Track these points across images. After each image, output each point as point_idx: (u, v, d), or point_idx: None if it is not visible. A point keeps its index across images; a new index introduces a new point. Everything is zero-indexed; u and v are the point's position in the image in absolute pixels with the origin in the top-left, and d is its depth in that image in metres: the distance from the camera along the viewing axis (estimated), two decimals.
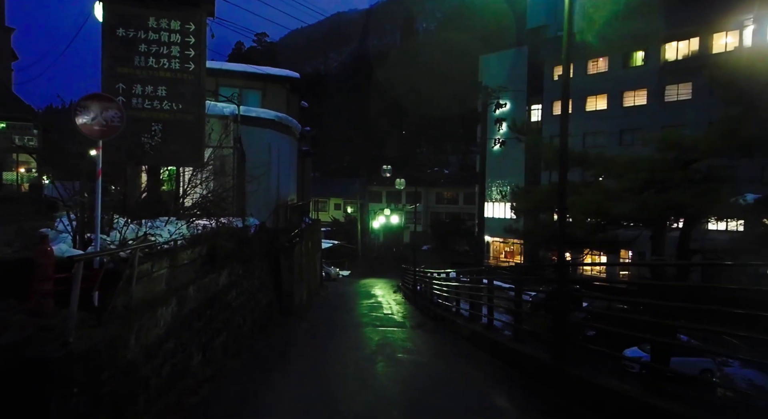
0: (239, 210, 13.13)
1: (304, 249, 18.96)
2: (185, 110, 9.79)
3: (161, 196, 9.88)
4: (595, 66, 42.14)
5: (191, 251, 7.89)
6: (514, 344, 8.26)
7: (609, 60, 40.70)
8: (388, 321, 15.65)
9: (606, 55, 40.76)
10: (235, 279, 10.92)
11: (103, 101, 5.08)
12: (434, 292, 17.79)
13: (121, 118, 5.13)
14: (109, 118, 5.04)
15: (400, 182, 35.68)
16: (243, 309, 11.02)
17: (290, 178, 18.30)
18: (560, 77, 44.11)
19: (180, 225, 7.94)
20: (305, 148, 23.87)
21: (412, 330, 13.34)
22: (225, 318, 9.47)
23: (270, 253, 14.81)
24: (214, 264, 9.11)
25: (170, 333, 6.65)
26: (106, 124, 5.06)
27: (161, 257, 6.72)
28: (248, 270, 12.36)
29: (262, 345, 10.78)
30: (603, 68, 41.42)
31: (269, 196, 15.45)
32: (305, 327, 14.00)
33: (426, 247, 56.67)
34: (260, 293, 13.23)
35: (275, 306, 14.61)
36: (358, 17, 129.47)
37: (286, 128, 16.78)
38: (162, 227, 7.65)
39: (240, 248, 11.19)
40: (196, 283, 8.05)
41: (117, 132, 5.18)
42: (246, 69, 19.61)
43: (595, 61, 41.94)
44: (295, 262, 16.38)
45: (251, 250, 12.51)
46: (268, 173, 15.15)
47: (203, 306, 8.31)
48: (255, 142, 14.81)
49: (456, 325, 12.38)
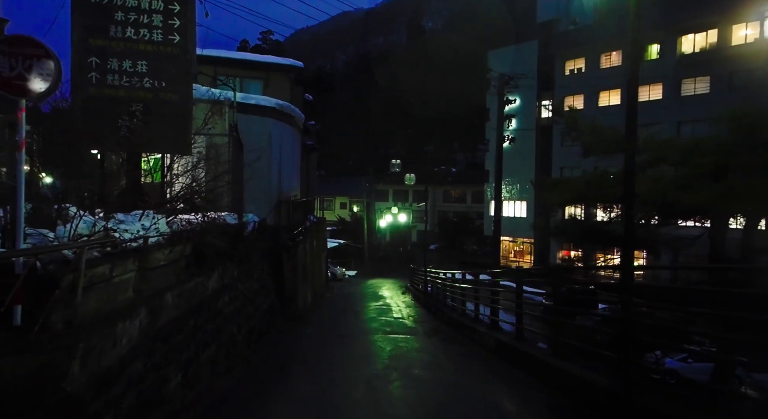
0: (236, 204, 11.78)
1: (309, 249, 17.60)
2: (169, 89, 8.43)
3: (142, 188, 8.52)
4: (608, 60, 40.57)
5: (170, 250, 6.52)
6: (558, 362, 6.84)
7: (623, 53, 39.12)
8: (399, 326, 14.26)
9: (619, 49, 39.20)
10: (229, 281, 9.55)
11: (27, 47, 3.71)
12: (448, 295, 16.38)
13: (53, 72, 3.75)
14: (36, 71, 3.68)
15: (410, 177, 34.24)
16: (238, 315, 9.65)
17: (293, 172, 16.93)
18: (572, 72, 42.64)
19: (157, 219, 6.57)
20: (310, 142, 22.50)
21: (427, 339, 11.93)
22: (215, 327, 8.10)
23: (271, 253, 13.46)
24: (201, 265, 7.74)
25: (137, 352, 5.29)
26: (32, 78, 3.69)
27: (126, 258, 5.35)
28: (246, 271, 11.00)
29: (260, 357, 9.41)
30: (616, 62, 39.85)
31: (270, 190, 14.09)
32: (310, 333, 12.62)
33: (433, 247, 55.22)
34: (260, 296, 11.87)
35: (277, 310, 13.24)
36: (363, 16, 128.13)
37: (288, 117, 15.40)
38: (134, 222, 6.29)
39: (235, 247, 9.83)
40: (176, 289, 6.69)
41: (47, 90, 3.80)
42: (246, 57, 18.28)
43: (608, 54, 40.38)
44: (298, 262, 15.01)
45: (249, 249, 11.16)
46: (269, 165, 13.80)
47: (186, 316, 6.95)
48: (254, 131, 13.46)
49: (476, 333, 10.97)
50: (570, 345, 7.07)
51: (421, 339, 11.79)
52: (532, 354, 7.67)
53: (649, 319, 8.03)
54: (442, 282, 17.94)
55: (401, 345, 10.79)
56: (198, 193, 8.18)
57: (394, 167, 31.96)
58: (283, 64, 18.84)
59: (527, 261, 46.45)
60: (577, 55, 41.43)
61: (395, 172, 33.11)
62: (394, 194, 59.10)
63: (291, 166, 16.35)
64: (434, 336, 12.23)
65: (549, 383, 6.80)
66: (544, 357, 7.27)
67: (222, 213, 9.68)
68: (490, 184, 49.65)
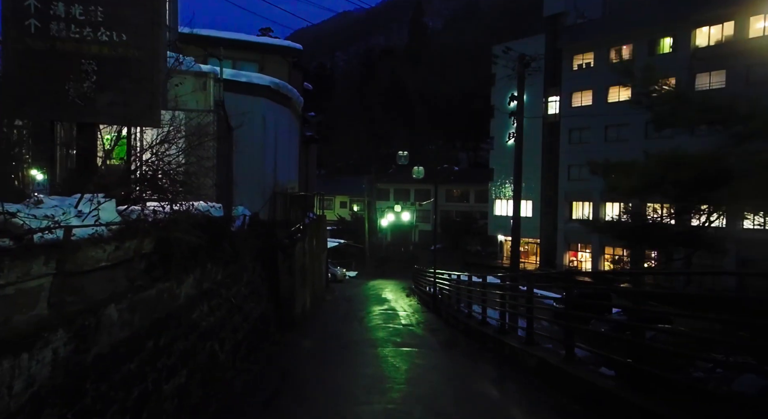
0: (222, 195, 9.94)
1: (308, 248, 15.75)
2: (132, 43, 6.56)
3: (100, 169, 6.67)
4: (618, 54, 38.80)
5: (116, 247, 4.67)
6: (632, 395, 5.01)
7: (633, 47, 37.33)
8: (410, 336, 12.42)
9: (630, 43, 37.42)
10: (211, 287, 7.71)
11: None
12: (462, 299, 14.59)
13: None
14: None
15: (419, 170, 32.36)
16: (221, 328, 7.80)
17: (290, 163, 15.07)
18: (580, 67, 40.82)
19: (99, 203, 4.73)
20: (309, 133, 20.66)
21: (446, 354, 10.09)
22: (187, 347, 6.24)
23: (265, 252, 11.61)
24: (168, 267, 5.90)
25: (45, 399, 3.45)
26: None
27: (32, 257, 3.50)
28: (233, 273, 9.17)
29: (247, 380, 7.56)
30: (627, 56, 38.05)
31: (264, 181, 12.26)
32: (308, 346, 10.77)
33: None
34: (250, 303, 10.02)
35: (271, 318, 11.39)
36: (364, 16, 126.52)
37: (284, 99, 13.54)
38: (68, 207, 4.46)
39: (218, 244, 7.99)
40: (126, 299, 4.85)
41: None
42: (240, 37, 16.42)
43: (618, 48, 38.59)
44: (296, 263, 13.17)
45: (238, 248, 9.32)
46: (263, 152, 11.97)
47: (143, 336, 5.11)
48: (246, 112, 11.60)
49: (506, 348, 9.12)
50: (649, 373, 5.23)
51: (439, 355, 9.95)
52: (598, 385, 5.83)
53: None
54: (454, 285, 16.11)
55: (417, 363, 8.96)
56: (166, 175, 6.31)
57: (400, 159, 30.04)
58: (281, 46, 17.02)
59: (532, 263, 44.62)
60: (586, 49, 39.65)
61: (402, 164, 31.11)
62: (396, 193, 57.26)
63: (288, 155, 14.50)
64: (454, 350, 10.39)
65: None
66: (617, 392, 5.43)
67: (202, 203, 7.84)
68: (495, 183, 47.81)
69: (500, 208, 47.56)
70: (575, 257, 42.10)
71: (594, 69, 39.11)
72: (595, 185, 39.30)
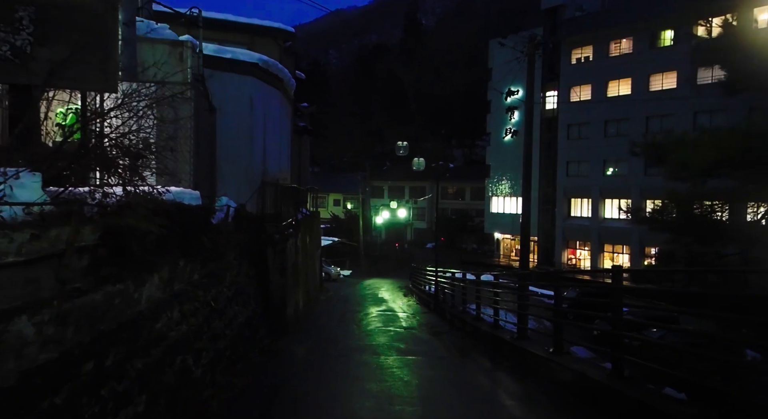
0: (204, 181, 8.63)
1: (301, 245, 14.43)
2: None
3: (41, 138, 5.32)
4: (617, 48, 37.69)
5: (32, 236, 3.33)
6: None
7: (634, 40, 36.23)
8: (414, 341, 11.15)
9: (630, 36, 36.32)
10: (183, 288, 6.38)
11: None
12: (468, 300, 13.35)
13: None
14: None
15: (419, 162, 31.03)
16: (197, 338, 6.46)
17: (282, 151, 13.71)
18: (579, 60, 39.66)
19: (9, 175, 3.40)
20: (302, 124, 19.31)
21: (458, 363, 8.82)
22: (147, 365, 4.90)
23: (253, 248, 10.27)
24: (121, 264, 4.56)
25: None
26: None
27: None
28: (214, 273, 7.84)
29: (225, 400, 6.23)
30: (627, 49, 36.97)
31: (252, 168, 10.93)
32: (302, 355, 9.45)
33: (430, 245, 52.23)
34: (234, 306, 8.70)
35: (259, 322, 10.05)
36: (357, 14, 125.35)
37: (275, 80, 12.19)
38: None
39: (194, 237, 6.67)
40: (52, 308, 3.52)
41: None
42: (227, 17, 15.04)
43: (618, 41, 37.49)
44: (288, 261, 11.84)
45: (220, 242, 8.00)
46: (251, 137, 10.65)
47: (79, 355, 3.78)
48: (231, 93, 10.30)
49: (530, 358, 7.85)
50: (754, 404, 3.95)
51: (450, 365, 8.67)
52: (652, 405, 4.56)
53: None
54: (459, 285, 14.85)
55: (428, 376, 7.67)
56: (119, 148, 4.96)
57: (399, 150, 28.68)
58: (271, 28, 15.67)
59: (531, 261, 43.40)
60: (585, 42, 38.51)
61: (401, 156, 29.80)
62: (390, 190, 56.02)
63: (279, 143, 13.14)
64: (466, 359, 9.11)
65: None
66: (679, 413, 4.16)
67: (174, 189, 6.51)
68: (491, 180, 46.60)
69: (497, 205, 46.38)
70: (573, 255, 41.01)
71: (593, 63, 37.99)
72: (595, 181, 38.27)
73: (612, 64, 36.63)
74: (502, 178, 45.48)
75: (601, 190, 37.77)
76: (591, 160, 38.16)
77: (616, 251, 37.90)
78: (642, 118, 35.32)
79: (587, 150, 37.52)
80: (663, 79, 35.14)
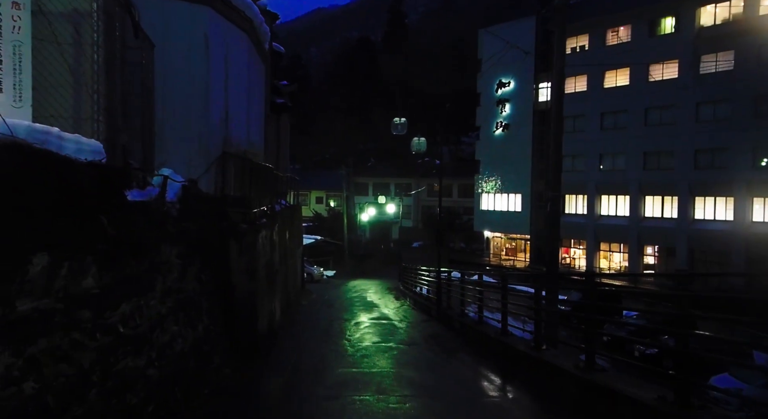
0: (133, 141, 5.70)
1: (279, 240, 11.48)
2: None
3: None
4: (615, 36, 35.32)
5: None
6: None
7: (632, 28, 33.89)
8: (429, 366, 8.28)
9: (628, 23, 33.99)
10: (55, 307, 3.41)
11: None
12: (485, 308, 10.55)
13: None
14: None
15: (420, 142, 27.98)
16: (77, 395, 3.49)
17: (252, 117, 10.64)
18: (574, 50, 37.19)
19: None
20: (281, 100, 16.32)
21: (512, 411, 5.95)
22: None
23: (207, 241, 7.26)
24: None
25: None
26: None
27: None
28: (132, 277, 4.85)
29: None
30: (625, 38, 34.62)
31: (209, 134, 7.93)
32: (275, 394, 6.49)
33: (417, 244, 49.45)
34: (172, 326, 5.72)
35: (217, 343, 7.08)
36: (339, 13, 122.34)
37: (240, 17, 9.13)
38: None
39: (76, 216, 3.73)
40: None
41: None
42: None
43: (615, 30, 35.12)
44: (259, 259, 8.88)
45: (140, 230, 5.08)
46: (206, 89, 7.66)
47: None
48: (176, 29, 7.33)
49: (624, 401, 5.03)
50: None
51: (499, 405, 5.81)
52: None
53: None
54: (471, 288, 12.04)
55: None
56: None
57: (396, 128, 25.58)
58: None
59: (522, 260, 40.91)
60: (580, 31, 36.02)
61: (398, 134, 26.70)
62: (375, 187, 53.09)
63: (247, 106, 10.07)
64: (516, 405, 6.24)
65: None
66: None
67: (37, 126, 3.57)
68: (481, 176, 43.93)
69: (487, 202, 43.75)
70: (567, 254, 38.55)
71: (590, 53, 35.55)
72: (591, 177, 35.87)
73: (609, 54, 34.20)
74: (493, 173, 42.90)
75: (597, 185, 35.40)
76: (586, 154, 35.76)
77: (613, 250, 35.56)
78: (641, 109, 33.03)
79: (582, 143, 35.05)
80: (663, 69, 32.84)
